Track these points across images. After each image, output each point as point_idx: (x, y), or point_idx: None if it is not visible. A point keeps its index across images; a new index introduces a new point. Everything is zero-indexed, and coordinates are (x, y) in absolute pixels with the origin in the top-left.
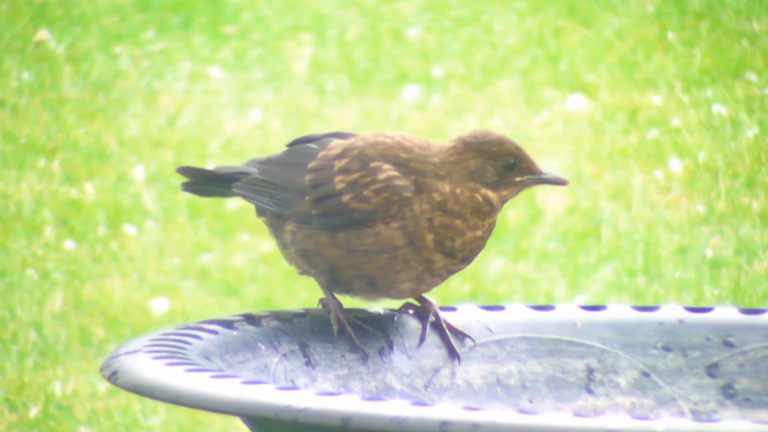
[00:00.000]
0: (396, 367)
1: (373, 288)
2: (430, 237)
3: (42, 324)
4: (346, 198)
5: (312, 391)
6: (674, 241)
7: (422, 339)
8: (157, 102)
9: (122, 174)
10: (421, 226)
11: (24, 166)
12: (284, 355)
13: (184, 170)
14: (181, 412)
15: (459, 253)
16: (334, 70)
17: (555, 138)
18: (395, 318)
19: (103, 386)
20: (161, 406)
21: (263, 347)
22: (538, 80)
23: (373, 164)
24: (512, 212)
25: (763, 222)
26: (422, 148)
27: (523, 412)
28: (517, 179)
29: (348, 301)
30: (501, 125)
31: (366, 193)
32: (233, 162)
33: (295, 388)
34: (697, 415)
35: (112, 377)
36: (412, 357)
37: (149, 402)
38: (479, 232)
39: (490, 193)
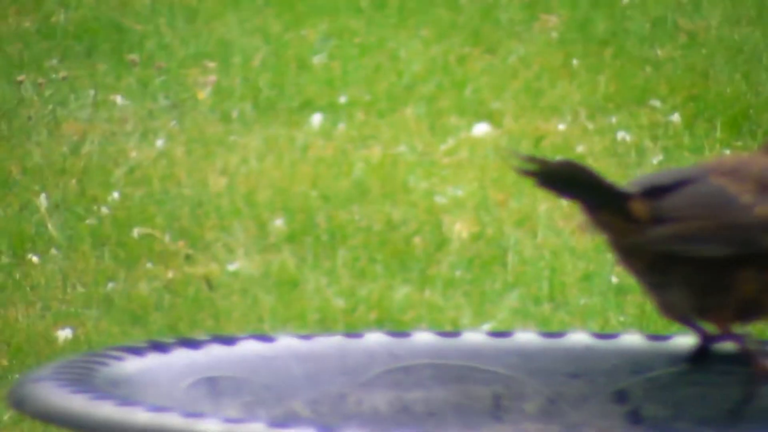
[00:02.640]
0: (301, 394)
1: None
2: None
3: None
4: None
5: (218, 417)
6: (580, 267)
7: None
8: (60, 130)
9: (26, 202)
10: None
11: None
12: (191, 383)
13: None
14: None
15: None
16: (239, 97)
17: (461, 165)
18: None
19: (8, 416)
20: None
21: (169, 374)
22: (444, 107)
23: None
24: (418, 239)
25: None
26: None
27: None
28: None
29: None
30: (406, 152)
31: None
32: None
33: (200, 414)
34: None
35: (18, 405)
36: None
37: (55, 430)
38: None
39: None
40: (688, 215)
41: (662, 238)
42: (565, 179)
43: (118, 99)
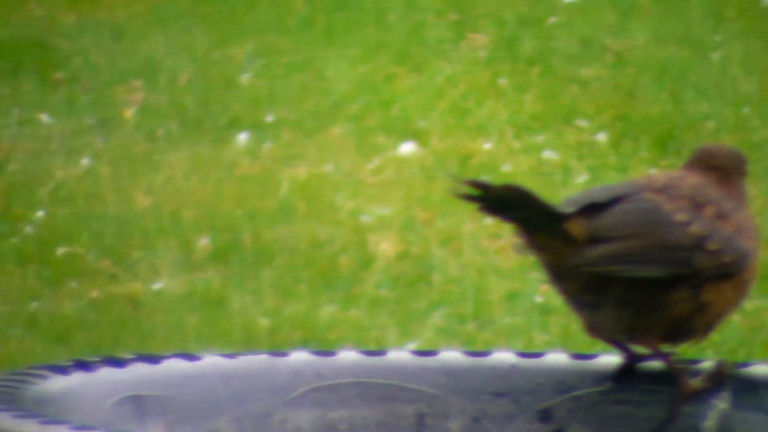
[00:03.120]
0: (226, 412)
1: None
2: None
3: None
4: (745, 240)
5: None
6: (504, 287)
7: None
8: None
9: None
10: None
11: None
12: (115, 401)
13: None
14: None
15: None
16: (165, 116)
17: (387, 184)
18: None
19: None
20: None
21: (94, 393)
22: (370, 126)
23: (726, 206)
24: (343, 258)
25: None
26: None
27: None
28: None
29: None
30: (333, 172)
31: (748, 232)
32: None
33: None
34: None
35: None
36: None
37: None
38: None
39: None
40: (624, 234)
41: (598, 259)
42: (508, 203)
43: (44, 117)
